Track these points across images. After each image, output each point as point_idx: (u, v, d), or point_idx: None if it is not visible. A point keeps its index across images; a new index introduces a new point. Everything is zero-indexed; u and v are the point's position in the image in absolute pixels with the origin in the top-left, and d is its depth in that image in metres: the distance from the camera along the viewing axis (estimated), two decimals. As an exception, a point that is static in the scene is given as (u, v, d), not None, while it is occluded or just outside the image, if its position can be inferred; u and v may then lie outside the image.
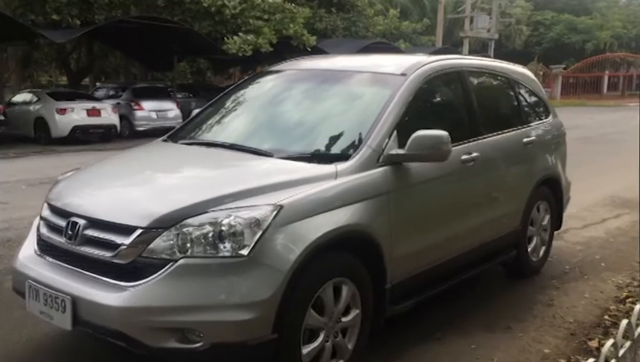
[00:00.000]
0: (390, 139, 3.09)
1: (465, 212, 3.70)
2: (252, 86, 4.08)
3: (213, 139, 3.54)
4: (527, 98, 4.65)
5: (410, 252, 3.21)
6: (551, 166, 4.60)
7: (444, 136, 3.06)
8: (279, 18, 17.45)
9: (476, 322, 3.72)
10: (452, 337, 3.51)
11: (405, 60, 3.76)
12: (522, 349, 3.38)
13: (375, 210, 2.95)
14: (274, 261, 2.50)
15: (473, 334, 3.55)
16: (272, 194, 2.64)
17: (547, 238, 4.71)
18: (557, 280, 4.51)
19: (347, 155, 3.00)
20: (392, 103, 3.23)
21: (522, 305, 4.01)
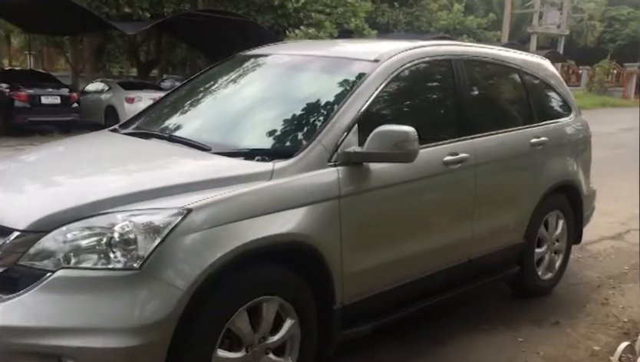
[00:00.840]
0: (349, 134, 2.63)
1: (446, 223, 3.19)
2: (215, 72, 3.63)
3: (156, 129, 3.13)
4: (541, 93, 4.02)
5: (369, 268, 2.74)
6: (567, 172, 3.97)
7: (410, 132, 2.58)
8: (341, 11, 17.54)
9: (525, 316, 3.69)
10: (499, 328, 3.50)
11: (387, 45, 3.29)
12: (571, 344, 3.33)
13: (321, 218, 2.48)
14: (171, 276, 2.07)
15: (521, 328, 3.53)
16: (185, 195, 2.21)
17: (562, 254, 4.09)
18: (614, 280, 4.38)
19: (291, 152, 2.54)
20: (355, 92, 2.76)
21: (574, 303, 3.94)
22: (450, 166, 3.09)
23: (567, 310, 3.81)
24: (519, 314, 3.71)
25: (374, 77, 2.86)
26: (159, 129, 3.10)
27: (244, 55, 3.63)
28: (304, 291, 2.50)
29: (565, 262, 4.15)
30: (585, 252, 4.99)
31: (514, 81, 3.87)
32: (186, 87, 3.59)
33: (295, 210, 2.42)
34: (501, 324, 3.55)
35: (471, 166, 3.21)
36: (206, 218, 2.17)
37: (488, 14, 29.48)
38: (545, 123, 3.88)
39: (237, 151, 2.63)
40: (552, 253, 4.00)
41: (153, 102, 3.63)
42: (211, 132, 2.97)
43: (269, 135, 2.77)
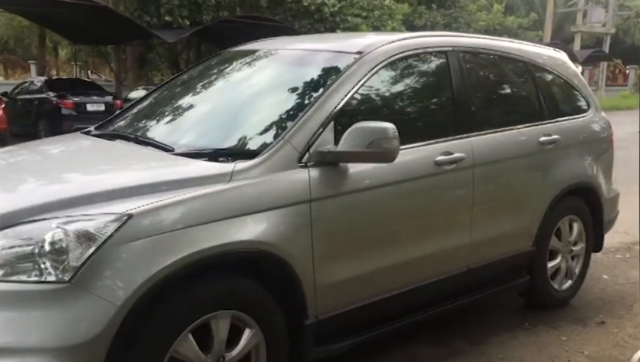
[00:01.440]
0: (324, 132, 2.41)
1: (438, 229, 2.90)
2: (196, 70, 3.47)
3: (127, 130, 2.98)
4: (553, 88, 3.71)
5: (347, 279, 2.49)
6: (584, 173, 3.64)
7: (388, 129, 2.34)
8: (377, 14, 17.49)
9: (568, 316, 3.58)
10: (541, 327, 3.41)
11: (376, 36, 3.07)
12: (617, 344, 3.20)
13: (288, 223, 2.26)
14: (105, 289, 1.87)
15: (564, 327, 3.42)
16: (131, 199, 2.02)
17: (581, 259, 3.76)
18: (665, 279, 4.19)
19: (258, 152, 2.34)
20: (332, 87, 2.54)
21: (621, 302, 3.79)
22: (442, 166, 2.83)
23: (613, 309, 3.67)
24: (561, 313, 3.59)
25: (355, 71, 2.64)
26: (128, 130, 2.96)
27: (230, 51, 3.48)
28: (269, 305, 2.26)
29: (585, 268, 3.80)
30: (632, 252, 4.82)
31: (522, 75, 3.56)
32: (166, 86, 3.42)
33: (258, 215, 2.19)
34: (542, 323, 3.45)
35: (468, 167, 2.93)
36: (150, 224, 1.96)
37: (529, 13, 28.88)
38: (559, 120, 3.56)
39: (199, 152, 2.44)
40: (568, 260, 3.67)
41: (132, 102, 3.46)
42: (178, 132, 2.80)
43: (237, 134, 2.57)
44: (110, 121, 3.22)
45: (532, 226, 3.36)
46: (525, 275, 3.41)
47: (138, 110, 3.24)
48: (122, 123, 3.12)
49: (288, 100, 2.67)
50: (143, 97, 3.40)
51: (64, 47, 26.90)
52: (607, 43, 30.15)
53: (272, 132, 2.48)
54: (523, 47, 3.64)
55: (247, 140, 2.51)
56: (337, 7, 16.73)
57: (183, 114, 3.00)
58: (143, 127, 2.99)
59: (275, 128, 2.50)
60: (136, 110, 3.24)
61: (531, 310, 3.63)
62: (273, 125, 2.53)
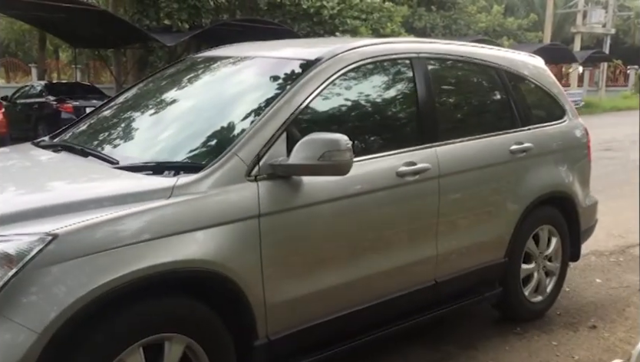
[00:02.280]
0: (276, 144, 2.31)
1: (400, 242, 2.80)
2: (155, 78, 3.33)
3: (77, 140, 2.85)
4: (527, 95, 3.62)
5: (301, 297, 2.39)
6: (558, 182, 3.55)
7: (340, 141, 2.24)
8: (377, 17, 17.50)
9: (560, 320, 3.59)
10: (532, 332, 3.42)
11: (337, 42, 2.99)
12: (607, 349, 3.21)
13: (234, 240, 2.16)
14: (24, 315, 1.74)
15: (555, 332, 3.43)
16: (60, 217, 1.89)
17: (555, 276, 3.66)
18: (658, 283, 4.20)
19: (202, 165, 2.23)
20: (285, 97, 2.43)
21: (612, 307, 3.80)
22: (405, 177, 2.72)
23: (605, 314, 3.68)
24: (553, 318, 3.61)
25: (311, 79, 2.52)
26: (78, 141, 2.82)
27: (191, 58, 3.40)
28: (214, 326, 2.15)
29: (559, 285, 3.70)
30: (626, 255, 4.82)
31: (492, 81, 3.42)
32: (124, 95, 3.27)
33: (200, 232, 2.08)
34: (534, 328, 3.46)
35: (433, 178, 2.84)
36: (77, 245, 1.84)
37: (529, 14, 28.88)
38: (531, 127, 3.46)
39: (144, 165, 2.32)
40: (542, 273, 3.58)
41: (89, 111, 3.34)
42: (127, 144, 2.70)
43: (186, 146, 2.45)
44: (65, 131, 3.09)
45: (503, 237, 3.27)
46: (497, 287, 3.32)
47: (93, 119, 3.10)
48: (74, 134, 2.99)
49: (240, 110, 2.57)
50: (102, 105, 3.27)
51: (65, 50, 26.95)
52: (607, 43, 30.11)
53: (221, 144, 2.36)
54: (495, 53, 3.53)
55: (195, 153, 2.39)
56: (336, 9, 16.74)
57: (133, 125, 2.89)
58: (93, 138, 2.86)
59: (224, 140, 2.37)
60: (91, 120, 3.10)
61: (523, 314, 3.64)
62: (222, 137, 2.42)
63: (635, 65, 30.96)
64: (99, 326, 1.88)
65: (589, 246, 4.79)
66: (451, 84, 3.30)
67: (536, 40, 26.69)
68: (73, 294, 1.79)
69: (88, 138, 2.88)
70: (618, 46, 32.89)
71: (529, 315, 3.56)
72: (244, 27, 15.26)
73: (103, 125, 3.02)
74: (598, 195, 6.75)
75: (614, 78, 32.95)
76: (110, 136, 2.84)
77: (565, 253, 3.72)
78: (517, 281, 3.44)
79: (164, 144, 2.56)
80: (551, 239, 3.62)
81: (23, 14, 14.93)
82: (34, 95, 13.78)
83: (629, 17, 34.57)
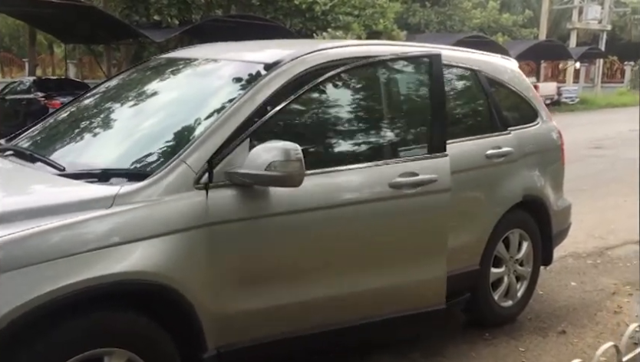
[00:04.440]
0: (235, 151, 2.23)
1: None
2: (114, 80, 3.25)
3: (27, 144, 2.77)
4: (498, 97, 3.51)
5: (253, 311, 2.31)
6: (530, 185, 3.50)
7: (288, 151, 2.15)
8: (369, 13, 17.43)
9: (530, 325, 3.54)
10: (501, 338, 3.36)
11: (299, 45, 2.89)
12: (575, 355, 3.15)
13: (181, 251, 2.09)
14: None
15: (524, 337, 3.38)
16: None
17: (527, 277, 3.59)
18: (632, 286, 4.15)
19: (148, 172, 2.16)
20: (239, 102, 2.34)
21: (584, 311, 3.75)
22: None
23: (576, 318, 3.63)
24: (523, 323, 3.55)
25: (268, 83, 2.43)
26: (29, 145, 2.74)
27: (154, 59, 3.31)
28: (157, 339, 2.09)
29: (530, 289, 3.63)
30: (604, 257, 4.78)
31: (464, 85, 3.37)
32: (83, 97, 3.16)
33: (143, 243, 2.01)
34: (503, 334, 3.41)
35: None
36: (8, 258, 1.78)
37: (525, 11, 28.78)
38: (503, 132, 3.41)
39: (89, 172, 2.24)
40: (512, 277, 3.51)
41: (47, 114, 3.22)
42: (76, 149, 2.61)
43: (134, 153, 2.36)
44: (21, 134, 2.98)
45: (479, 245, 3.24)
46: (465, 293, 3.23)
47: (50, 122, 2.99)
48: (29, 137, 2.89)
49: (194, 115, 2.46)
50: (60, 107, 3.18)
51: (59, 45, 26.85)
52: (603, 40, 30.00)
53: (170, 150, 2.28)
54: (464, 55, 3.45)
55: (143, 159, 2.31)
56: (328, 5, 16.68)
57: (86, 129, 2.79)
58: (45, 143, 2.77)
59: (174, 146, 2.30)
60: (47, 123, 2.99)
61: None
62: (173, 143, 2.34)
63: (631, 61, 30.87)
64: (36, 339, 1.83)
65: (567, 248, 4.76)
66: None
67: (531, 36, 26.59)
68: (9, 304, 1.75)
69: (41, 142, 2.80)
70: (615, 42, 32.77)
71: (500, 320, 3.50)
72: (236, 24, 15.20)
73: (57, 129, 2.93)
74: (584, 194, 6.80)
75: (610, 74, 32.88)
76: (62, 141, 2.75)
77: (536, 257, 3.66)
78: (486, 285, 3.38)
79: (114, 150, 2.48)
80: (522, 243, 3.57)
81: (12, 10, 14.83)
82: (22, 91, 13.66)
83: (625, 13, 34.47)
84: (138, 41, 16.89)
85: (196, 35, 17.16)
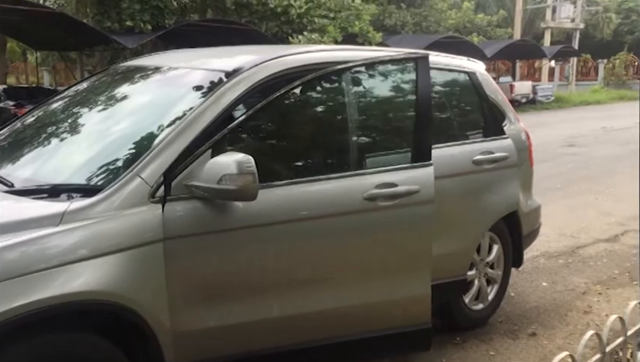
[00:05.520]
0: (188, 163, 2.15)
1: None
2: (71, 90, 3.12)
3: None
4: (465, 101, 3.53)
5: (215, 329, 2.25)
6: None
7: (239, 163, 2.07)
8: (345, 15, 17.41)
9: (500, 328, 3.52)
10: (471, 341, 3.34)
11: (260, 52, 2.81)
12: (544, 357, 3.15)
13: (135, 267, 2.03)
14: None
15: (495, 340, 3.36)
16: None
17: (498, 280, 3.58)
18: (602, 285, 4.17)
19: (101, 187, 2.09)
20: (197, 111, 2.26)
21: (555, 311, 3.74)
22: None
23: (547, 320, 3.63)
24: (494, 326, 3.54)
25: (227, 91, 2.34)
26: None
27: (113, 68, 3.24)
28: (116, 359, 2.03)
29: (502, 292, 3.62)
30: (576, 256, 4.79)
31: (434, 91, 3.22)
32: (39, 107, 3.04)
33: (95, 261, 1.93)
34: (474, 337, 3.39)
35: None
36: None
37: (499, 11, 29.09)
38: (470, 135, 3.41)
39: (38, 188, 2.16)
40: (483, 280, 3.50)
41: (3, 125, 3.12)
42: (27, 163, 2.49)
43: (87, 167, 2.28)
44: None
45: (468, 254, 3.29)
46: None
47: (3, 134, 2.88)
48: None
49: (149, 126, 2.38)
50: (14, 119, 3.07)
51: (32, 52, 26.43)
52: (576, 38, 30.47)
53: (124, 163, 2.21)
54: (434, 59, 3.24)
55: (96, 174, 2.23)
56: (303, 8, 16.62)
57: (39, 142, 2.69)
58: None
59: (129, 158, 2.22)
60: (3, 134, 2.88)
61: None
62: (127, 155, 2.26)
63: (604, 59, 31.39)
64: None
65: (539, 248, 4.78)
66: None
67: (505, 36, 26.88)
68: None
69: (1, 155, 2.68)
70: (588, 40, 33.31)
71: (471, 324, 3.48)
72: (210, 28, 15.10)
73: (9, 141, 2.80)
74: (557, 193, 6.85)
75: (584, 72, 33.38)
76: (13, 155, 2.63)
77: (507, 259, 3.66)
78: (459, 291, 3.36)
79: (66, 164, 2.39)
80: (492, 246, 3.56)
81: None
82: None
83: (597, 12, 35.05)
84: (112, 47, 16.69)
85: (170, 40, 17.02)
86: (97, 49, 16.46)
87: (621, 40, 35.46)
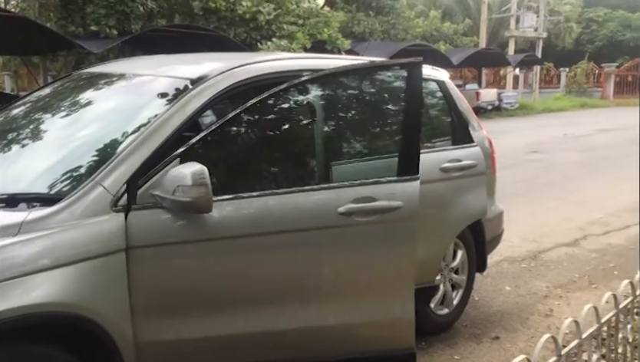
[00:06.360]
0: (155, 171, 2.13)
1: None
2: (32, 97, 3.07)
3: None
4: (429, 108, 3.58)
5: (180, 341, 2.22)
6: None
7: (195, 175, 2.03)
8: (314, 22, 17.48)
9: (465, 332, 3.58)
10: (436, 346, 3.39)
11: (226, 59, 2.77)
12: (506, 360, 3.22)
13: (96, 278, 2.00)
14: None
15: (459, 344, 3.42)
16: None
17: (463, 285, 3.64)
18: (562, 289, 4.28)
19: (61, 196, 2.06)
20: (161, 119, 2.24)
21: (517, 315, 3.83)
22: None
23: (510, 323, 3.70)
24: (459, 330, 3.59)
25: (192, 99, 2.31)
26: None
27: (76, 74, 3.20)
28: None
29: (466, 296, 3.69)
30: (538, 261, 4.91)
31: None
32: (0, 113, 2.98)
33: (55, 271, 1.90)
34: (439, 341, 3.44)
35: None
36: None
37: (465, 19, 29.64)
38: (435, 141, 3.48)
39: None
40: (448, 285, 3.54)
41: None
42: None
43: (48, 175, 2.24)
44: None
45: (436, 260, 3.33)
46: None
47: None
48: None
49: (112, 133, 2.36)
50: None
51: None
52: (539, 47, 31.26)
53: (86, 172, 2.19)
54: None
55: (57, 182, 2.20)
56: (272, 15, 16.62)
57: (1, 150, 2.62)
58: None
59: (91, 167, 2.21)
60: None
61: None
62: (89, 163, 2.24)
63: (566, 67, 32.29)
64: None
65: (503, 253, 4.87)
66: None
67: (471, 44, 27.38)
68: None
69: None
70: (550, 49, 34.19)
71: (436, 329, 3.52)
72: (178, 34, 14.95)
73: None
74: (520, 199, 7.00)
75: (547, 80, 34.26)
76: None
77: (471, 265, 3.72)
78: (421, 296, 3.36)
79: (26, 172, 2.33)
80: (457, 252, 3.62)
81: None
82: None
83: (559, 21, 36.04)
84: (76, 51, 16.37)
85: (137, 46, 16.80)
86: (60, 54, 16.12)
87: (582, 49, 36.51)
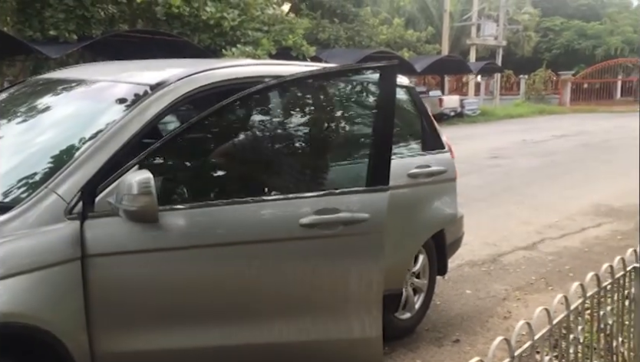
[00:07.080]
0: (113, 178, 2.11)
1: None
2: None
3: None
4: (408, 117, 3.66)
5: (137, 352, 2.19)
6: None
7: (139, 183, 1.99)
8: (279, 29, 17.52)
9: (427, 336, 3.63)
10: (399, 350, 3.43)
11: (186, 65, 2.74)
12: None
13: (50, 286, 1.96)
14: None
15: (421, 348, 3.47)
16: None
17: (424, 289, 3.67)
18: (520, 291, 4.40)
19: (11, 204, 2.04)
20: (118, 125, 2.22)
21: (477, 318, 3.91)
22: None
23: (470, 326, 3.78)
24: (421, 334, 3.65)
25: (150, 105, 2.30)
26: None
27: (31, 80, 3.17)
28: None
29: (428, 300, 3.71)
30: (497, 264, 5.02)
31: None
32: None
33: (7, 281, 1.87)
34: (402, 346, 3.48)
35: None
36: None
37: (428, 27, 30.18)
38: (409, 149, 3.54)
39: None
40: (409, 290, 3.55)
41: None
42: None
43: (1, 183, 2.20)
44: None
45: (403, 267, 3.37)
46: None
47: None
48: None
49: (68, 140, 2.34)
50: None
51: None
52: (499, 55, 32.07)
53: (39, 179, 2.16)
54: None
55: (9, 190, 2.16)
56: (237, 21, 16.57)
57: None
58: None
59: (44, 174, 2.17)
60: None
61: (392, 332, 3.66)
62: (43, 171, 2.21)
63: (525, 75, 33.20)
64: None
65: (464, 256, 4.97)
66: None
67: (434, 52, 27.87)
68: None
69: None
70: (510, 57, 35.09)
71: (398, 333, 3.55)
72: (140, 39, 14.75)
73: None
74: (480, 204, 7.15)
75: (507, 87, 35.14)
76: None
77: (432, 269, 3.77)
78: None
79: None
80: (418, 256, 3.67)
81: None
82: None
83: (518, 30, 37.02)
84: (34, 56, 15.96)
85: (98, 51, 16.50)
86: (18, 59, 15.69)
87: (540, 57, 37.63)
